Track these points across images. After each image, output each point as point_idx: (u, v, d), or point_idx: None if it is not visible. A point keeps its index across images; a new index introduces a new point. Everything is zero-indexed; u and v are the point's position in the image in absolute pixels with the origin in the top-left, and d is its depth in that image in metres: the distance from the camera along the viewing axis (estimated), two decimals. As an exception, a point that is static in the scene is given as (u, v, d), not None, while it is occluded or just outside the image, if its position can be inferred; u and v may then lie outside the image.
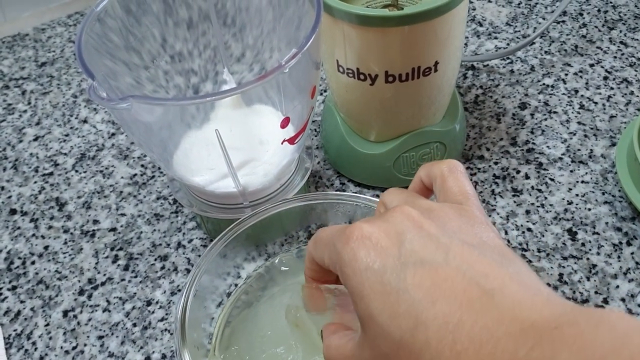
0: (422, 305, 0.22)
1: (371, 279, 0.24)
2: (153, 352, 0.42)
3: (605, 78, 0.60)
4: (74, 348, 0.43)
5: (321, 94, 0.61)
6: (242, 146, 0.43)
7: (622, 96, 0.58)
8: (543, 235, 0.47)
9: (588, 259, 0.45)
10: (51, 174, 0.56)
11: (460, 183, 0.29)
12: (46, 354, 0.43)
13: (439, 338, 0.21)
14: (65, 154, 0.58)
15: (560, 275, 0.44)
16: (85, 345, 0.43)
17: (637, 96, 0.57)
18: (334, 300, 0.32)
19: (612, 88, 0.58)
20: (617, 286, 0.43)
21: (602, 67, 0.61)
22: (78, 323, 0.45)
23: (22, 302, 0.46)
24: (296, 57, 0.35)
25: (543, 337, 0.20)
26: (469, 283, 0.22)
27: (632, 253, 0.45)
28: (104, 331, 0.44)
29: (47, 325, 0.45)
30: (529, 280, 0.23)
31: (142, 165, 0.56)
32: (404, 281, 0.23)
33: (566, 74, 0.61)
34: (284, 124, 0.40)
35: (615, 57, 0.62)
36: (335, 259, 0.26)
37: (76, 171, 0.56)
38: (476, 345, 0.21)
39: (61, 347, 0.43)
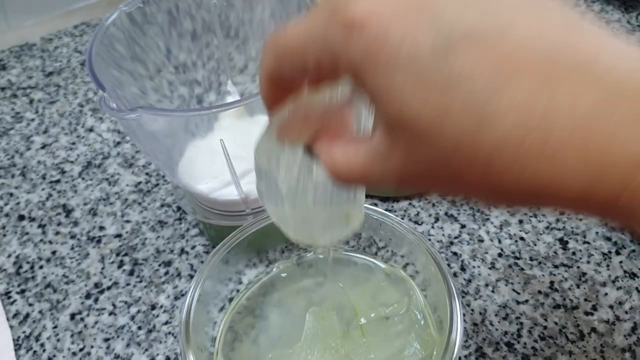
0: (486, 93, 0.15)
1: (401, 73, 0.17)
2: (157, 354, 0.44)
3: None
4: (81, 350, 0.45)
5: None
6: (246, 155, 0.44)
7: (614, 109, 0.59)
8: (535, 244, 0.48)
9: (578, 267, 0.47)
10: (58, 181, 0.58)
11: None
12: (54, 355, 0.44)
13: (519, 135, 0.15)
14: (72, 161, 0.59)
15: (551, 282, 0.46)
16: (92, 347, 0.45)
17: (629, 109, 0.59)
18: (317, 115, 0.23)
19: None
20: (606, 294, 0.45)
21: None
22: (85, 326, 0.46)
23: (30, 305, 0.48)
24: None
25: None
26: (549, 54, 0.16)
27: (620, 262, 0.47)
28: (110, 334, 0.45)
29: (55, 327, 0.46)
30: (623, 44, 0.17)
31: (147, 173, 0.57)
32: (451, 65, 0.16)
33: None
34: (286, 134, 0.41)
35: (607, 70, 0.63)
36: (332, 61, 0.18)
37: (82, 179, 0.58)
38: (582, 136, 0.15)
39: (68, 349, 0.45)
